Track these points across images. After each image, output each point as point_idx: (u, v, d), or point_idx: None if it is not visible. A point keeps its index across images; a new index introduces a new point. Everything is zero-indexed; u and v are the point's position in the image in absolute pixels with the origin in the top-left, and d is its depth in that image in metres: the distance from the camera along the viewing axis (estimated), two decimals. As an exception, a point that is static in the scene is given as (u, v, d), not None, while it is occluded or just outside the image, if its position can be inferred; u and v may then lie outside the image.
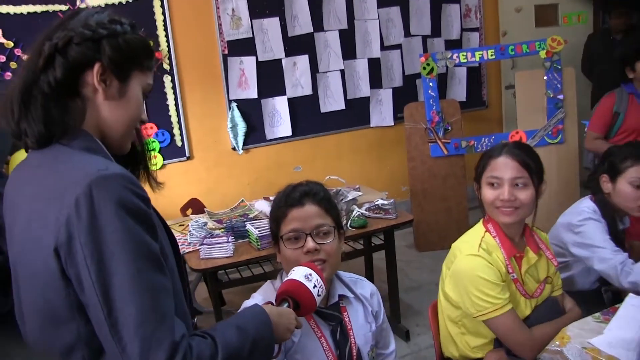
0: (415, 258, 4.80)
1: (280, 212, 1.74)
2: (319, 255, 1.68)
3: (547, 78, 4.47)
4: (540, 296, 2.10)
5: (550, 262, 2.14)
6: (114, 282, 1.08)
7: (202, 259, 3.03)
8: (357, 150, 5.54)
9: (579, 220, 2.46)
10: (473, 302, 1.95)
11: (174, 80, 4.69)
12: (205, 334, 1.20)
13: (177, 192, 4.67)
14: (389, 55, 5.47)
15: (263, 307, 1.36)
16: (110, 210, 1.08)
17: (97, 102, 1.23)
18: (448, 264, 2.12)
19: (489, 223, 2.07)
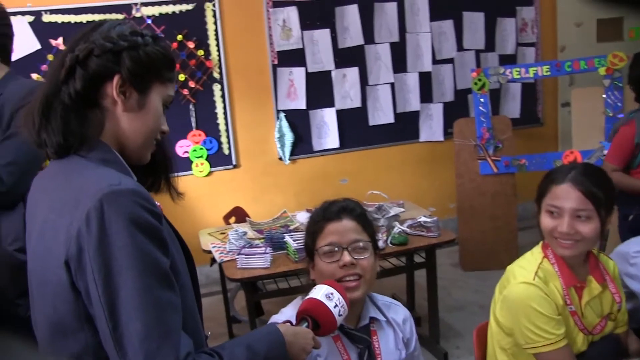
0: (460, 277, 4.68)
1: (317, 226, 1.73)
2: (355, 269, 1.65)
3: (606, 96, 4.30)
4: (600, 333, 1.93)
5: (614, 297, 1.96)
6: (120, 297, 1.08)
7: (239, 268, 3.03)
8: (405, 164, 5.47)
9: (636, 250, 2.29)
10: (523, 333, 1.81)
11: (224, 89, 4.73)
12: (213, 352, 1.18)
13: (222, 200, 4.71)
14: (440, 69, 5.39)
15: (277, 327, 1.33)
16: (120, 225, 1.09)
17: (116, 114, 1.24)
18: (501, 287, 1.97)
19: (548, 248, 1.91)
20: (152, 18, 4.45)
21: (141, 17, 4.43)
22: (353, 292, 1.64)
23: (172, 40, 4.49)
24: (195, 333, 1.23)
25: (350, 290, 1.63)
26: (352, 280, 1.65)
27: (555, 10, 5.68)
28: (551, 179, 1.88)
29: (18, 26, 4.09)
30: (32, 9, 4.21)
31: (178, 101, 4.60)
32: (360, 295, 1.67)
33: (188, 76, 4.58)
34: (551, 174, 1.91)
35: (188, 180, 4.78)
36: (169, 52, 1.30)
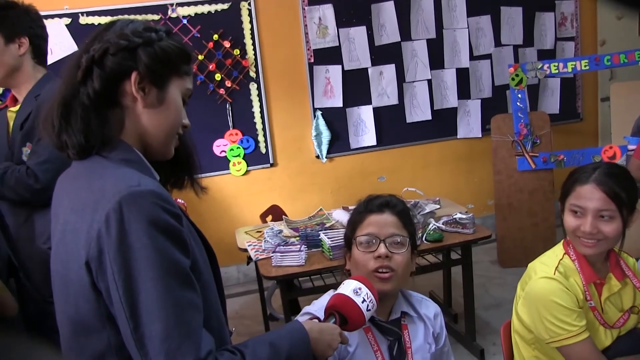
0: (498, 274, 4.64)
1: (359, 217, 1.76)
2: (389, 262, 1.66)
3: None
4: (624, 327, 1.93)
5: (638, 291, 1.97)
6: (140, 298, 1.09)
7: (274, 266, 3.06)
8: (443, 161, 5.43)
9: None
10: (546, 327, 1.83)
11: (260, 88, 4.77)
12: (236, 350, 1.20)
13: (260, 198, 4.76)
14: (478, 65, 5.33)
15: (302, 324, 1.35)
16: (139, 227, 1.10)
17: (136, 111, 1.24)
18: (522, 284, 2.00)
19: (570, 245, 1.93)
20: (188, 18, 4.51)
21: (177, 17, 4.50)
22: (384, 284, 1.65)
23: (208, 39, 4.56)
24: (218, 331, 1.25)
25: (381, 282, 1.65)
26: (384, 272, 1.66)
27: (596, 3, 5.56)
28: (575, 178, 1.90)
29: (55, 28, 4.23)
30: (69, 11, 4.31)
31: (215, 101, 4.67)
32: (390, 289, 1.68)
33: (224, 75, 4.64)
34: (575, 174, 1.92)
35: (225, 180, 4.85)
36: (184, 45, 1.31)
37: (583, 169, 1.92)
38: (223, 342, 1.26)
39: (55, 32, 4.21)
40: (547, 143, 4.62)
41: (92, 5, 4.33)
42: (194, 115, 4.86)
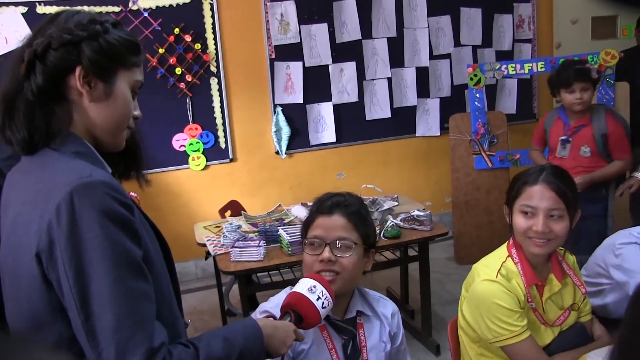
0: (455, 271, 4.71)
1: (310, 217, 1.77)
2: (333, 266, 1.67)
3: (598, 92, 4.33)
4: (564, 323, 2.01)
5: (577, 288, 2.04)
6: (91, 288, 1.08)
7: (232, 261, 3.06)
8: (402, 159, 5.49)
9: (622, 242, 2.35)
10: (489, 328, 1.89)
11: (220, 83, 4.75)
12: (189, 343, 1.19)
13: (219, 194, 4.73)
14: (437, 64, 5.40)
15: (256, 320, 1.35)
16: (91, 217, 1.09)
17: (83, 105, 1.22)
18: (467, 285, 2.05)
19: (513, 248, 1.98)
20: (149, 11, 4.45)
21: (138, 9, 4.43)
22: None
23: (169, 33, 4.50)
24: (172, 323, 1.24)
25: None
26: (327, 276, 1.66)
27: (552, 7, 5.69)
28: (523, 180, 1.95)
29: (11, 17, 4.11)
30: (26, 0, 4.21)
31: (175, 95, 4.62)
32: (334, 289, 1.68)
33: (185, 70, 4.59)
34: (522, 176, 1.98)
35: (184, 174, 4.81)
36: (132, 36, 1.28)
37: (529, 172, 1.98)
38: (177, 334, 1.26)
39: (10, 21, 4.10)
40: (504, 142, 4.71)
41: (50, -5, 4.24)
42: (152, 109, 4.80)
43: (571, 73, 3.58)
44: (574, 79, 3.56)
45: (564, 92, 3.64)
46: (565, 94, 3.64)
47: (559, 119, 3.81)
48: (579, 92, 3.58)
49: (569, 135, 3.72)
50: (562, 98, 3.69)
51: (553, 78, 3.73)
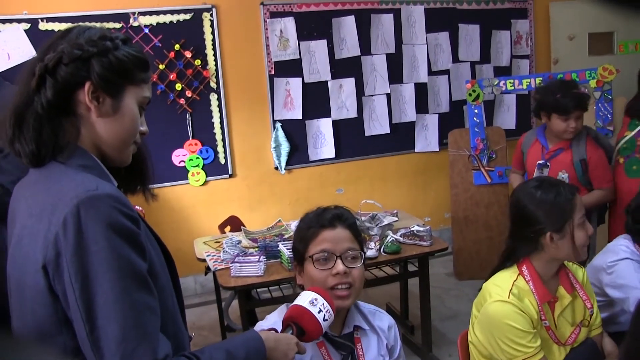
0: (454, 286, 4.70)
1: (311, 232, 1.73)
2: (347, 278, 1.66)
3: (596, 108, 4.35)
4: (576, 341, 2.00)
5: (584, 302, 2.04)
6: (97, 300, 1.09)
7: (232, 276, 3.05)
8: (401, 174, 5.50)
9: (613, 260, 2.37)
10: (502, 349, 1.88)
11: (220, 99, 4.77)
12: (192, 356, 1.20)
13: (218, 209, 4.74)
14: (436, 80, 5.44)
15: (259, 333, 1.36)
16: (97, 229, 1.10)
17: (91, 120, 1.24)
18: (478, 305, 2.04)
19: (524, 265, 1.98)
20: (150, 27, 4.48)
21: (138, 26, 4.46)
22: (344, 300, 1.66)
23: (170, 49, 4.53)
24: (176, 336, 1.25)
25: (341, 299, 1.65)
26: (343, 290, 1.66)
27: (549, 23, 5.74)
28: (569, 197, 1.96)
29: (14, 34, 4.14)
30: (29, 16, 4.23)
31: (175, 110, 4.64)
32: (350, 304, 1.70)
33: (185, 85, 4.61)
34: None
35: (184, 190, 4.81)
36: (141, 53, 1.30)
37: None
38: (181, 347, 1.26)
39: (13, 38, 4.13)
40: (503, 157, 4.73)
41: (52, 12, 4.27)
42: (153, 124, 4.80)
43: (571, 100, 3.23)
44: (574, 107, 3.24)
45: (557, 118, 3.29)
46: (558, 120, 3.29)
47: (537, 141, 3.53)
48: (574, 121, 3.28)
49: (546, 160, 3.45)
50: (551, 123, 3.35)
51: (546, 100, 3.32)
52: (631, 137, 3.12)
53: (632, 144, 3.11)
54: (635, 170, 3.12)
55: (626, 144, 3.15)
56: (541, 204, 1.94)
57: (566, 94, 3.23)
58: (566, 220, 1.91)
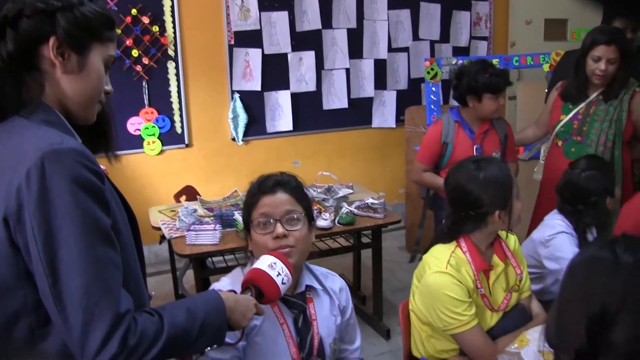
0: (406, 260, 4.76)
1: (253, 199, 1.79)
2: (288, 241, 1.70)
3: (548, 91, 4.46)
4: (508, 306, 2.12)
5: (515, 271, 2.15)
6: (60, 254, 1.09)
7: (188, 244, 3.05)
8: (358, 149, 5.55)
9: (550, 234, 2.51)
10: (440, 317, 1.97)
11: (178, 67, 4.70)
12: (154, 312, 1.21)
13: (174, 179, 4.70)
14: (395, 57, 5.48)
15: (219, 293, 1.37)
16: (62, 183, 1.09)
17: (55, 76, 1.21)
18: (418, 276, 2.12)
19: (461, 238, 2.06)
20: (107, -9, 4.39)
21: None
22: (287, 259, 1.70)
23: (126, 14, 4.43)
24: (137, 293, 1.25)
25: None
26: (284, 250, 1.70)
27: (508, 7, 5.84)
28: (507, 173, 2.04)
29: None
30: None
31: (131, 77, 4.56)
32: (292, 264, 1.72)
33: (142, 52, 4.53)
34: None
35: (139, 159, 4.76)
36: (107, 10, 1.28)
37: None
38: (141, 305, 1.27)
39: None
40: (457, 136, 4.80)
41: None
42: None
43: (502, 78, 3.15)
44: (505, 84, 3.18)
45: (489, 98, 3.14)
46: (490, 101, 3.15)
47: (461, 128, 3.30)
48: (502, 99, 3.22)
49: (479, 144, 3.30)
50: (482, 104, 3.17)
51: (479, 81, 3.12)
52: (568, 121, 3.21)
53: (569, 127, 3.21)
54: (574, 152, 3.22)
55: (563, 127, 3.25)
56: (486, 186, 1.97)
57: (495, 73, 3.17)
58: (509, 196, 1.99)
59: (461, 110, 3.33)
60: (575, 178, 2.60)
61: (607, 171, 2.64)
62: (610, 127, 3.15)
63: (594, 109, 3.20)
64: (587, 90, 3.20)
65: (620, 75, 3.11)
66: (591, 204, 2.55)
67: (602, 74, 3.06)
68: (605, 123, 3.15)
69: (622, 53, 3.04)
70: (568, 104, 3.26)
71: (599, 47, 3.05)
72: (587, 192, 2.55)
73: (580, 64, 3.15)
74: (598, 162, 2.69)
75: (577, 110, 3.22)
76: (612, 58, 3.03)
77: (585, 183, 2.56)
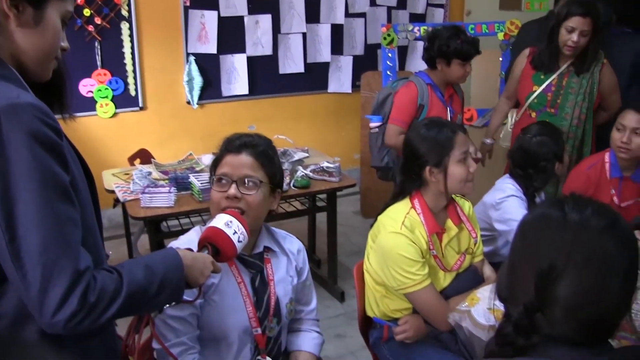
0: (361, 224, 4.87)
1: (219, 156, 1.80)
2: (239, 204, 1.71)
3: (502, 59, 4.53)
4: (460, 267, 2.18)
5: (470, 233, 2.22)
6: (18, 210, 1.07)
7: (142, 207, 3.04)
8: (314, 114, 5.56)
9: (501, 197, 2.59)
10: (394, 277, 2.02)
11: (132, 28, 4.61)
12: (113, 269, 1.21)
13: (128, 142, 4.64)
14: (352, 22, 5.47)
15: (177, 251, 1.38)
16: (19, 138, 1.07)
17: (9, 29, 1.17)
18: (373, 236, 2.17)
19: (415, 199, 2.11)
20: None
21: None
22: None
23: (78, -28, 4.31)
24: (95, 252, 1.25)
25: None
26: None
27: (464, -26, 5.87)
28: (450, 136, 2.05)
29: None
30: None
31: (82, 38, 4.45)
32: None
33: (94, 12, 4.41)
34: (444, 131, 2.07)
35: (92, 121, 4.67)
36: None
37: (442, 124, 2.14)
38: (99, 263, 1.26)
39: None
40: (412, 102, 4.85)
41: None
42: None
43: (472, 46, 3.24)
44: (475, 52, 3.27)
45: (458, 64, 3.23)
46: (458, 67, 3.24)
47: (432, 91, 3.37)
48: (469, 66, 3.31)
49: (451, 106, 3.42)
50: (450, 69, 3.26)
51: (451, 46, 3.20)
52: (541, 93, 3.26)
53: (543, 99, 3.25)
54: None
55: (537, 99, 3.29)
56: (424, 139, 2.07)
57: (467, 40, 3.25)
58: (444, 155, 2.03)
59: (429, 74, 3.39)
60: (526, 143, 2.68)
61: (557, 137, 2.72)
62: (584, 100, 3.21)
63: (567, 80, 3.24)
64: (558, 60, 3.24)
65: (592, 48, 3.15)
66: (540, 169, 2.63)
67: (573, 45, 3.09)
68: (580, 96, 3.21)
69: (595, 26, 3.07)
70: (540, 73, 3.28)
71: (574, 18, 3.05)
72: (537, 157, 2.63)
73: (555, 33, 3.16)
74: (549, 128, 2.77)
75: (550, 81, 3.26)
76: (585, 30, 3.06)
77: (536, 148, 2.63)
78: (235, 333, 1.75)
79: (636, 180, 2.80)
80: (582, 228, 1.03)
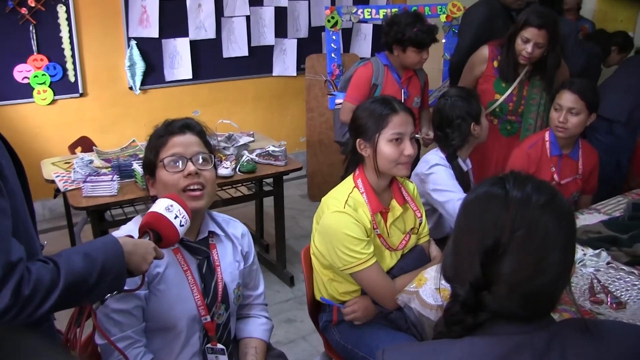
0: (308, 207, 4.89)
1: (161, 140, 1.77)
2: (199, 179, 1.72)
3: (445, 41, 4.58)
4: (406, 247, 2.20)
5: (414, 213, 2.24)
6: None
7: (84, 196, 2.97)
8: (258, 98, 5.52)
9: (427, 169, 2.65)
10: (339, 256, 2.03)
11: (69, 11, 4.46)
12: (48, 260, 1.18)
13: (68, 130, 4.52)
14: (296, 5, 5.44)
15: (116, 238, 1.36)
16: None
17: None
18: (317, 218, 2.17)
19: (359, 179, 2.12)
20: None
21: None
22: (197, 201, 1.72)
23: (10, -47, 4.14)
24: (28, 242, 1.22)
25: (195, 199, 1.71)
26: (196, 190, 1.71)
27: (407, -46, 5.88)
28: (386, 113, 2.06)
29: None
30: None
31: (15, 21, 4.28)
32: (203, 205, 1.75)
33: (27, -6, 4.26)
34: (379, 109, 2.08)
35: (29, 109, 4.53)
36: None
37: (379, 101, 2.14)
38: (33, 253, 1.24)
39: None
40: (357, 84, 4.87)
41: None
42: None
43: (428, 35, 3.29)
44: (431, 41, 3.32)
45: (413, 51, 3.31)
46: (413, 53, 3.32)
47: (389, 72, 3.47)
48: (426, 53, 3.38)
49: (405, 88, 3.49)
50: (405, 55, 3.35)
51: (406, 34, 3.26)
52: (502, 102, 3.29)
53: (505, 108, 3.30)
54: (510, 130, 3.36)
55: (499, 107, 3.33)
56: (363, 112, 2.11)
57: (423, 28, 3.28)
58: (375, 131, 2.05)
59: (388, 56, 3.48)
60: (441, 105, 2.79)
61: (472, 100, 2.78)
62: (545, 111, 3.25)
63: (527, 90, 3.28)
64: (517, 68, 3.25)
65: (550, 61, 3.17)
66: (456, 127, 2.71)
67: (527, 56, 3.11)
68: (542, 107, 3.28)
69: (551, 38, 3.07)
70: (501, 82, 3.31)
71: (530, 29, 3.06)
72: (451, 116, 2.72)
73: (512, 41, 3.16)
74: (464, 92, 2.85)
75: (512, 91, 3.28)
76: (540, 42, 3.07)
77: (450, 109, 2.73)
78: (183, 322, 1.73)
79: (574, 158, 2.90)
80: (523, 204, 1.05)
